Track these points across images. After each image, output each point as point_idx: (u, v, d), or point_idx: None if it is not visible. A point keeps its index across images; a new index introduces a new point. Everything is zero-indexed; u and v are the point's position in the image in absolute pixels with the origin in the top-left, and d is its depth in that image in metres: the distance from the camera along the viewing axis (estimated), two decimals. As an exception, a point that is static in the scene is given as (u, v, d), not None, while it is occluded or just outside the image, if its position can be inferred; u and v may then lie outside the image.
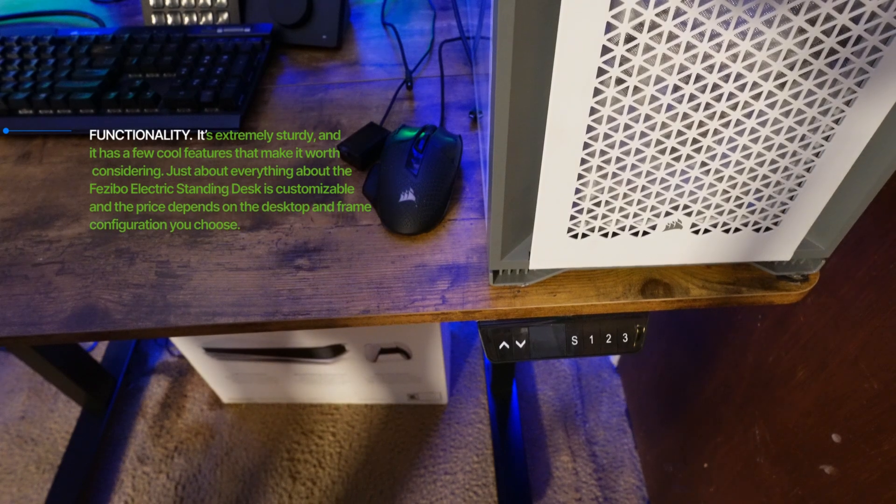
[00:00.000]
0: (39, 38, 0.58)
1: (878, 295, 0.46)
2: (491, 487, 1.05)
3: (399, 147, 0.45)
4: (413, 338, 0.94)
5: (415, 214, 0.43)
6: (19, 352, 1.01)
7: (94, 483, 1.08)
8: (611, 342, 0.43)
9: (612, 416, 1.15)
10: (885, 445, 0.47)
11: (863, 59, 0.26)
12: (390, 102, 0.55)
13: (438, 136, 0.46)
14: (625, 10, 0.24)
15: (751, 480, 0.69)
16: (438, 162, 0.44)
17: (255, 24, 0.60)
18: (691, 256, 0.38)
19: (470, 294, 0.40)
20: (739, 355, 0.69)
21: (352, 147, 0.49)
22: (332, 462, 1.09)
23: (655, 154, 0.31)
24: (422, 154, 0.44)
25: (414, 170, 0.43)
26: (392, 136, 0.47)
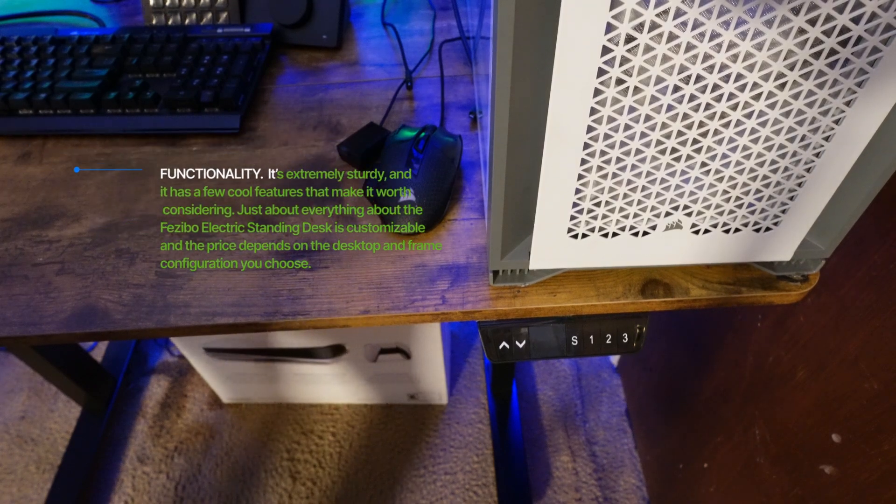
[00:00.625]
0: (39, 38, 0.58)
1: (878, 295, 0.46)
2: (491, 487, 1.05)
3: (399, 147, 0.45)
4: (413, 338, 0.94)
5: (415, 214, 0.43)
6: (19, 352, 1.01)
7: (94, 483, 1.08)
8: (611, 342, 0.43)
9: (612, 416, 1.15)
10: (885, 445, 0.47)
11: (863, 59, 0.26)
12: (390, 102, 0.55)
13: (438, 136, 0.46)
14: (625, 10, 0.24)
15: (751, 480, 0.69)
16: (438, 162, 0.44)
17: (255, 24, 0.60)
18: (691, 256, 0.38)
19: (470, 294, 0.40)
20: (739, 355, 0.69)
21: (352, 147, 0.49)
22: (332, 462, 1.09)
23: (655, 154, 0.31)
24: (422, 154, 0.44)
25: (414, 170, 0.43)
26: (392, 136, 0.47)
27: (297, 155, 0.51)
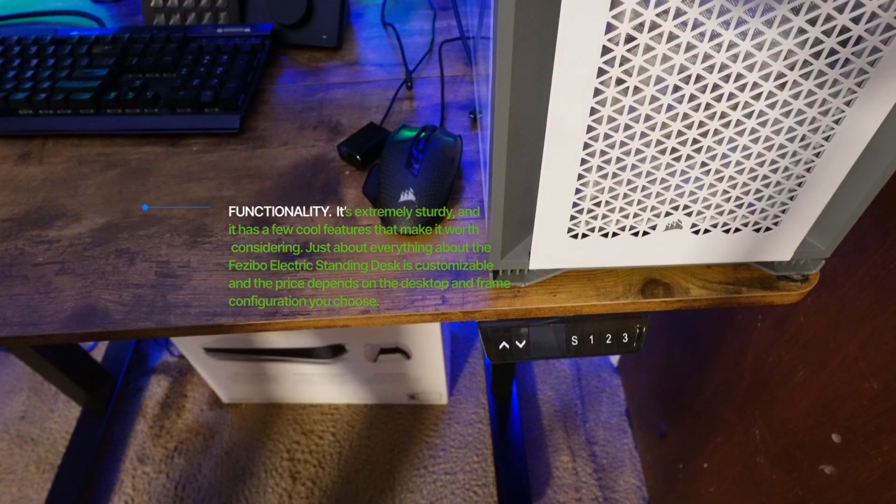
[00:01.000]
0: (39, 38, 0.58)
1: (878, 295, 0.46)
2: (491, 487, 1.05)
3: (399, 147, 0.45)
4: (413, 338, 0.94)
5: (415, 215, 0.43)
6: (19, 352, 1.01)
7: (94, 483, 1.08)
8: (611, 342, 0.43)
9: (612, 416, 1.15)
10: (885, 445, 0.47)
11: (863, 59, 0.26)
12: (390, 102, 0.55)
13: (438, 136, 0.46)
14: (625, 10, 0.24)
15: (751, 480, 0.69)
16: (438, 162, 0.44)
17: (255, 24, 0.60)
18: (691, 256, 0.38)
19: (470, 294, 0.40)
20: (739, 355, 0.69)
21: (351, 147, 0.49)
22: (332, 462, 1.09)
23: (655, 154, 0.31)
24: (422, 154, 0.44)
25: (414, 170, 0.43)
26: (392, 136, 0.47)
27: (297, 155, 0.51)
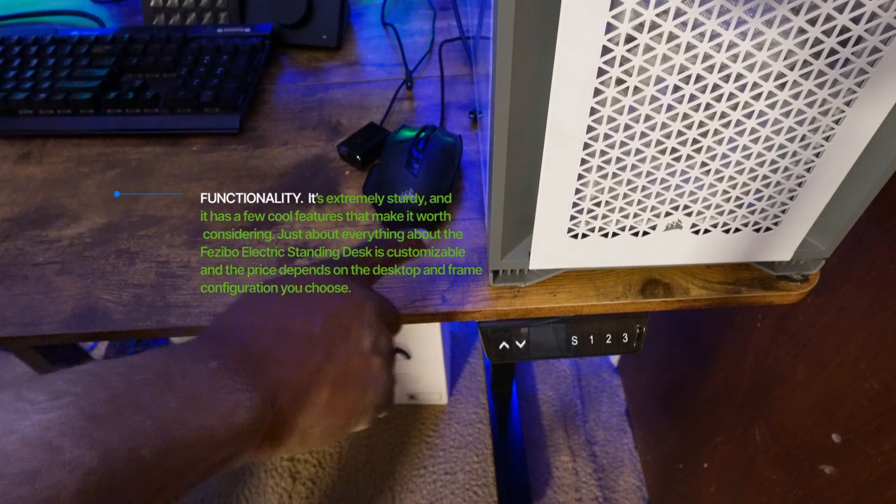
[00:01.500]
0: (39, 38, 0.58)
1: (878, 295, 0.46)
2: (491, 487, 1.05)
3: (399, 147, 0.45)
4: (413, 338, 0.94)
5: (415, 215, 0.43)
6: (19, 352, 1.01)
7: (94, 483, 1.08)
8: (611, 342, 0.43)
9: (612, 416, 1.15)
10: (885, 445, 0.47)
11: (863, 59, 0.26)
12: (390, 102, 0.55)
13: (438, 136, 0.46)
14: (625, 10, 0.24)
15: (751, 480, 0.69)
16: (438, 162, 0.44)
17: (255, 24, 0.60)
18: (691, 256, 0.38)
19: (470, 294, 0.40)
20: (739, 355, 0.69)
21: (352, 147, 0.49)
22: (332, 462, 1.09)
23: (655, 154, 0.31)
24: (422, 154, 0.44)
25: (414, 170, 0.43)
26: (392, 136, 0.47)
27: (297, 155, 0.51)
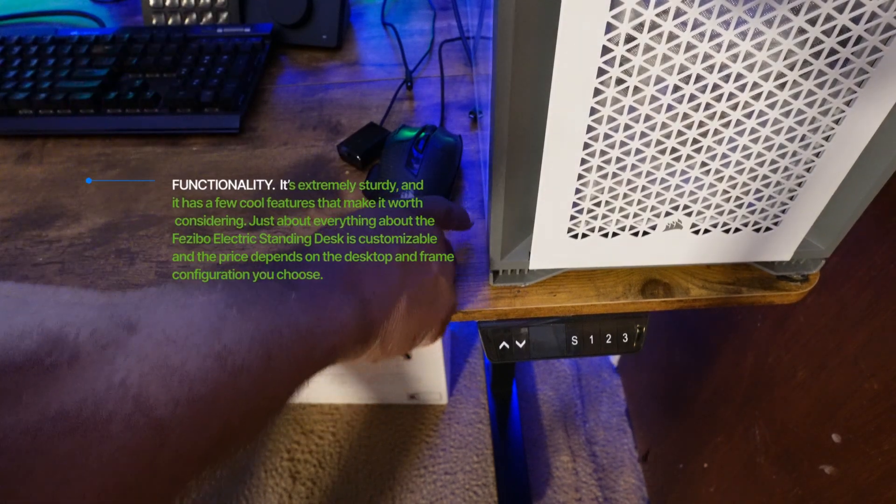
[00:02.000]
0: (39, 38, 0.58)
1: (878, 295, 0.46)
2: (491, 487, 1.05)
3: (399, 147, 0.45)
4: (413, 338, 0.94)
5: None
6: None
7: (94, 483, 1.08)
8: (611, 342, 0.43)
9: (612, 416, 1.15)
10: (885, 445, 0.47)
11: (863, 59, 0.26)
12: (390, 102, 0.55)
13: (438, 136, 0.46)
14: (625, 10, 0.24)
15: (751, 480, 0.69)
16: (438, 162, 0.44)
17: (255, 24, 0.60)
18: (691, 256, 0.38)
19: (470, 294, 0.40)
20: (739, 355, 0.69)
21: (351, 147, 0.49)
22: (332, 462, 1.09)
23: (655, 154, 0.31)
24: (422, 154, 0.44)
25: (414, 170, 0.43)
26: (392, 135, 0.47)
27: (297, 155, 0.51)
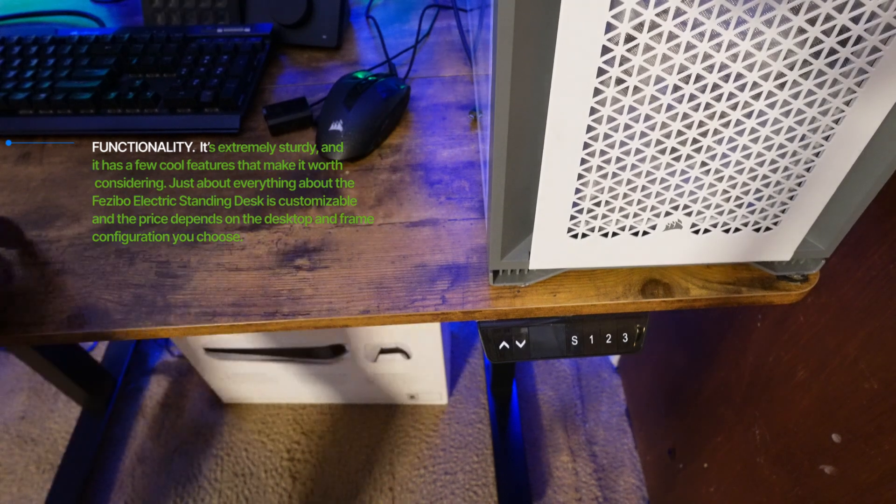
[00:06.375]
0: (39, 38, 0.58)
1: (878, 295, 0.46)
2: (491, 487, 1.05)
3: (345, 85, 0.51)
4: (413, 338, 0.94)
5: (338, 142, 0.48)
6: (19, 352, 1.01)
7: (94, 483, 1.08)
8: (611, 342, 0.43)
9: (612, 416, 1.15)
10: (885, 445, 0.47)
11: (862, 58, 0.26)
12: (390, 102, 0.55)
13: (385, 82, 0.51)
14: (625, 10, 0.24)
15: (751, 480, 0.69)
16: (374, 104, 0.49)
17: (255, 24, 0.60)
18: (691, 256, 0.38)
19: (470, 294, 0.40)
20: (739, 355, 0.69)
21: (271, 113, 0.52)
22: (332, 462, 1.09)
23: (655, 154, 0.31)
24: (360, 96, 0.50)
25: (349, 106, 0.49)
26: (345, 76, 0.53)
27: (297, 155, 0.51)
